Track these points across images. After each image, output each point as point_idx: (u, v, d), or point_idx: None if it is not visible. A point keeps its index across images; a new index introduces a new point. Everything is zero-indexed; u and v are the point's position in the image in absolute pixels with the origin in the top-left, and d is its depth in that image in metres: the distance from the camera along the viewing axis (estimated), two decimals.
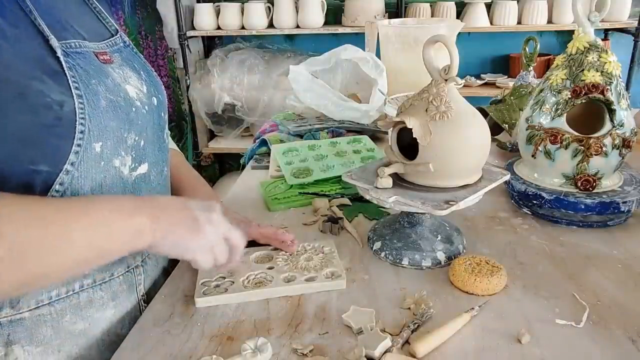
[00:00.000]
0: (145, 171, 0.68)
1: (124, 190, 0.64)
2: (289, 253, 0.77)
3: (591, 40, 0.86)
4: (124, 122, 0.62)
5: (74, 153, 0.56)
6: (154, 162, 0.70)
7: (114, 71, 0.63)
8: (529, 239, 0.83)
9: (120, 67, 0.65)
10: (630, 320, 0.62)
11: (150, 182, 0.69)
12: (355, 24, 2.57)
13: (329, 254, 0.77)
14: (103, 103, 0.59)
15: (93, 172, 0.59)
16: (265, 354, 0.58)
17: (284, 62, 2.58)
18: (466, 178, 0.73)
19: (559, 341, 0.59)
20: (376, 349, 0.57)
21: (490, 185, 0.74)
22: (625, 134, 0.85)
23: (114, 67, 0.63)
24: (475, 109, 0.74)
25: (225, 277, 0.71)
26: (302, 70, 1.36)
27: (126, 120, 0.62)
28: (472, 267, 0.70)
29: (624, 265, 0.74)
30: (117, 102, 0.61)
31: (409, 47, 1.37)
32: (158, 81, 0.74)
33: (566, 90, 0.85)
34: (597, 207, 0.83)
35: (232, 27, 2.61)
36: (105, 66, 0.62)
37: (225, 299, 0.67)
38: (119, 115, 0.61)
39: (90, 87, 0.57)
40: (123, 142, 0.62)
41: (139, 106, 0.65)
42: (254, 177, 1.13)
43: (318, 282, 0.70)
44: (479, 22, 2.55)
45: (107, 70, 0.62)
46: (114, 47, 0.66)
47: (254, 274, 0.72)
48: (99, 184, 0.60)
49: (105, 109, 0.59)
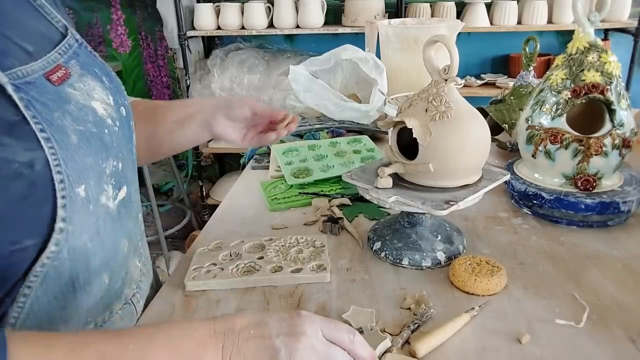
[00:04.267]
0: (125, 195, 0.58)
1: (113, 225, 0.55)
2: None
3: (591, 40, 0.86)
4: (99, 151, 0.52)
5: (61, 208, 0.47)
6: (131, 180, 0.61)
7: (74, 89, 0.51)
8: (529, 239, 0.83)
9: (80, 80, 0.52)
10: (630, 320, 0.62)
11: (131, 203, 0.61)
12: (355, 24, 2.56)
13: (319, 247, 0.78)
14: (74, 139, 0.48)
15: (85, 219, 0.51)
16: None
17: (284, 62, 2.58)
18: (466, 178, 0.73)
19: (559, 341, 0.59)
20: (376, 349, 0.57)
21: (490, 185, 0.74)
22: (625, 134, 0.85)
23: (73, 82, 0.51)
24: (475, 109, 0.74)
25: (216, 265, 0.74)
26: (302, 70, 1.36)
27: (101, 148, 0.53)
28: (472, 267, 0.70)
29: (624, 265, 0.74)
30: (88, 131, 0.51)
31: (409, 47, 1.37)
32: (119, 82, 0.62)
33: (566, 90, 0.85)
34: (597, 207, 0.83)
35: (232, 27, 2.61)
36: (62, 88, 0.50)
37: (212, 285, 0.70)
38: (93, 147, 0.51)
39: (54, 124, 0.46)
40: (103, 175, 0.53)
41: (110, 125, 0.55)
42: (254, 177, 1.13)
43: (302, 274, 0.72)
44: (479, 22, 2.55)
45: (66, 92, 0.50)
46: (68, 53, 0.52)
47: (243, 263, 0.74)
48: (95, 231, 0.52)
49: (77, 145, 0.49)
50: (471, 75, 2.77)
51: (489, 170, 0.78)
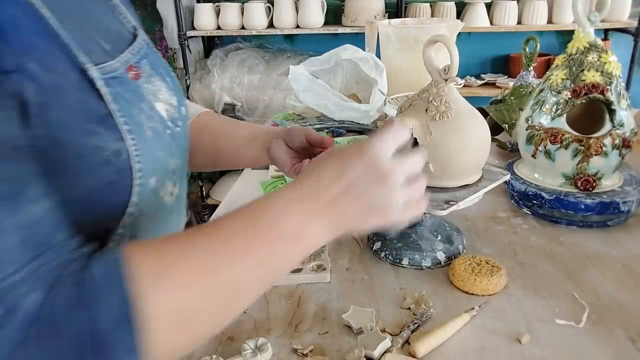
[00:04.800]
0: (178, 191, 0.59)
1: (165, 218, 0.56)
2: None
3: (591, 40, 0.86)
4: (166, 148, 0.54)
5: (135, 194, 0.49)
6: (184, 178, 0.62)
7: (144, 88, 0.52)
8: (529, 239, 0.83)
9: (149, 80, 0.53)
10: (630, 320, 0.62)
11: (181, 200, 0.61)
12: (355, 24, 2.56)
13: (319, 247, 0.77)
14: (149, 134, 0.50)
15: (148, 209, 0.52)
16: (265, 354, 0.58)
17: (284, 62, 2.58)
18: (466, 178, 0.74)
19: (559, 341, 0.59)
20: (376, 349, 0.57)
21: (490, 185, 0.74)
22: (625, 134, 0.85)
23: (142, 82, 0.52)
24: (475, 109, 0.74)
25: None
26: (302, 70, 1.36)
27: (167, 145, 0.54)
28: (472, 267, 0.70)
29: (623, 265, 0.74)
30: (157, 129, 0.52)
31: (409, 47, 1.36)
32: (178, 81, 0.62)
33: (566, 90, 0.85)
34: (597, 207, 0.83)
35: (232, 27, 2.61)
36: (138, 85, 0.51)
37: None
38: (161, 143, 0.53)
39: (134, 119, 0.48)
40: (167, 170, 0.55)
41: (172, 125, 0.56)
42: (254, 177, 1.13)
43: (302, 274, 0.72)
44: (479, 22, 2.55)
45: (141, 90, 0.51)
46: (140, 54, 0.53)
47: None
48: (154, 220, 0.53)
49: (151, 139, 0.51)
50: (471, 75, 2.77)
51: (489, 170, 0.78)
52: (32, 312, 0.34)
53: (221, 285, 0.41)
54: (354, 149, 0.51)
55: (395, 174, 0.50)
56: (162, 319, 0.38)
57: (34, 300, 0.34)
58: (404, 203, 0.51)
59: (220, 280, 0.41)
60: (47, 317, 0.35)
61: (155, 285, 0.38)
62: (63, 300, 0.35)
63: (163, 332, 0.38)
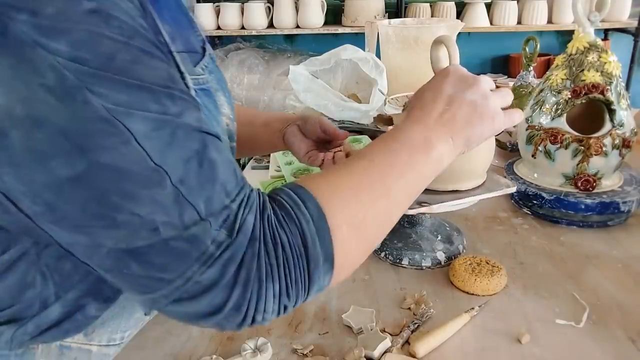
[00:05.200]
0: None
1: None
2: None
3: (591, 40, 0.86)
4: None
5: None
6: None
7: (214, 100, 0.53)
8: (529, 239, 0.83)
9: (215, 94, 0.54)
10: (630, 320, 0.62)
11: None
12: (355, 24, 2.57)
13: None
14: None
15: None
16: (265, 354, 0.58)
17: (284, 62, 2.58)
18: (464, 183, 0.72)
19: (559, 341, 0.59)
20: (376, 349, 0.57)
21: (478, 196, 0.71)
22: (625, 134, 0.85)
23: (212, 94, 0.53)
24: None
25: None
26: (302, 70, 1.36)
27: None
28: (472, 267, 0.70)
29: (623, 265, 0.74)
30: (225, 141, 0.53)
31: (409, 47, 1.36)
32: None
33: (566, 90, 0.85)
34: (597, 207, 0.83)
35: (232, 27, 2.61)
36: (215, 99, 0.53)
37: None
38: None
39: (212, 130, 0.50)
40: None
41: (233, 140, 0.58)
42: (253, 177, 1.13)
43: None
44: (479, 22, 2.55)
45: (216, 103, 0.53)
46: (209, 68, 0.53)
47: None
48: None
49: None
50: None
51: (492, 178, 0.75)
52: (252, 230, 0.40)
53: (381, 198, 0.47)
54: (435, 77, 0.57)
55: (481, 80, 0.55)
56: (345, 228, 0.43)
57: (251, 220, 0.40)
58: (501, 109, 0.55)
59: (379, 193, 0.47)
60: (265, 233, 0.41)
61: (335, 202, 0.44)
62: (273, 219, 0.41)
63: (346, 239, 0.44)
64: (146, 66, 0.37)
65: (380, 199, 0.47)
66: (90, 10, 0.35)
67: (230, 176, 0.41)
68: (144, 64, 0.37)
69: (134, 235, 0.37)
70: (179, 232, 0.37)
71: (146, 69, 0.37)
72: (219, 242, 0.39)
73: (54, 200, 0.36)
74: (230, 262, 0.39)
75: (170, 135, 0.37)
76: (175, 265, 0.38)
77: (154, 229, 0.37)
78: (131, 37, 0.37)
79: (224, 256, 0.39)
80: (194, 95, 0.47)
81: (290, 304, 0.42)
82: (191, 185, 0.38)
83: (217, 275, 0.38)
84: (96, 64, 0.35)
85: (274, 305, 0.41)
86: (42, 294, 0.50)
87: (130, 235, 0.37)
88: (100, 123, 0.35)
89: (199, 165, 0.38)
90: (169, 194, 0.37)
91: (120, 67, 0.36)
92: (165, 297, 0.39)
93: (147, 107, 0.36)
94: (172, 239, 0.37)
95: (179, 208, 0.37)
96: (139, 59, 0.37)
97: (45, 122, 0.34)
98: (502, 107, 0.57)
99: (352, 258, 0.46)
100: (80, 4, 0.34)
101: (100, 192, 0.36)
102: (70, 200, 0.36)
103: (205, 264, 0.38)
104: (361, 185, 0.46)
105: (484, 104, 0.54)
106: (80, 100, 0.34)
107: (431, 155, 0.50)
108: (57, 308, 0.52)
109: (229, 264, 0.39)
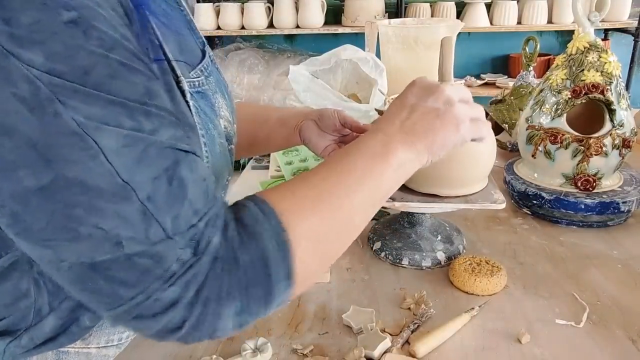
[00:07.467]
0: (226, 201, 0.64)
1: None
2: None
3: (591, 40, 0.86)
4: (226, 165, 0.57)
5: None
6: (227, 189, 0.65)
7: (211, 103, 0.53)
8: (529, 239, 0.83)
9: (214, 96, 0.54)
10: (630, 320, 0.62)
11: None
12: (355, 24, 2.57)
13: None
14: (218, 149, 0.53)
15: None
16: (265, 354, 0.58)
17: (284, 62, 2.58)
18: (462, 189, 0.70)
19: (559, 341, 0.59)
20: (376, 349, 0.57)
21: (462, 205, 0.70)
22: (625, 134, 0.85)
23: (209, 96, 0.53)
24: None
25: None
26: (302, 70, 1.36)
27: (227, 161, 0.57)
28: (472, 267, 0.70)
29: (624, 265, 0.74)
30: (223, 144, 0.55)
31: (409, 47, 1.36)
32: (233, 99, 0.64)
33: (566, 90, 0.85)
34: (597, 207, 0.83)
35: (232, 27, 2.61)
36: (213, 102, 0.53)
37: None
38: (224, 159, 0.55)
39: (209, 133, 0.51)
40: (224, 185, 0.58)
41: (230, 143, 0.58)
42: (253, 177, 1.12)
43: None
44: (479, 22, 2.55)
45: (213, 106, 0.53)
46: (208, 70, 0.54)
47: None
48: None
49: (219, 154, 0.53)
50: (471, 75, 2.77)
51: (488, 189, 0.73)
52: (216, 249, 0.40)
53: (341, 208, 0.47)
54: (405, 89, 0.57)
55: (445, 88, 0.55)
56: (304, 243, 0.43)
57: (217, 240, 0.40)
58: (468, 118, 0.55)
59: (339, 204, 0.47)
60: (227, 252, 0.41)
61: (296, 215, 0.44)
62: (235, 237, 0.41)
63: (305, 254, 0.44)
64: (123, 80, 0.37)
65: (340, 209, 0.47)
66: (69, 20, 0.34)
67: (200, 195, 0.40)
68: (122, 78, 0.37)
69: (97, 249, 0.36)
70: (144, 247, 0.37)
71: (123, 84, 0.37)
72: (183, 261, 0.38)
73: (19, 210, 0.36)
74: (192, 281, 0.39)
75: (141, 152, 0.37)
76: (138, 281, 0.38)
77: (117, 243, 0.36)
78: (111, 49, 0.36)
79: (187, 275, 0.38)
80: (189, 99, 0.47)
81: (251, 319, 0.43)
82: (159, 202, 0.37)
83: (178, 294, 0.38)
84: (71, 76, 0.34)
85: (234, 322, 0.42)
86: (37, 304, 0.50)
87: (94, 248, 0.36)
88: (70, 136, 0.34)
89: (168, 183, 0.38)
90: (135, 210, 0.36)
91: (96, 81, 0.35)
92: (126, 312, 0.38)
93: (120, 122, 0.36)
94: (136, 255, 0.37)
95: (145, 224, 0.37)
96: (117, 72, 0.36)
97: (15, 132, 0.34)
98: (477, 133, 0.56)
99: (311, 272, 0.46)
100: (59, 15, 0.34)
101: (64, 204, 0.35)
102: (35, 212, 0.36)
103: (167, 282, 0.38)
104: (321, 196, 0.46)
105: (447, 110, 0.53)
106: (50, 113, 0.34)
107: (390, 162, 0.50)
108: (52, 320, 0.51)
109: (191, 284, 0.39)
